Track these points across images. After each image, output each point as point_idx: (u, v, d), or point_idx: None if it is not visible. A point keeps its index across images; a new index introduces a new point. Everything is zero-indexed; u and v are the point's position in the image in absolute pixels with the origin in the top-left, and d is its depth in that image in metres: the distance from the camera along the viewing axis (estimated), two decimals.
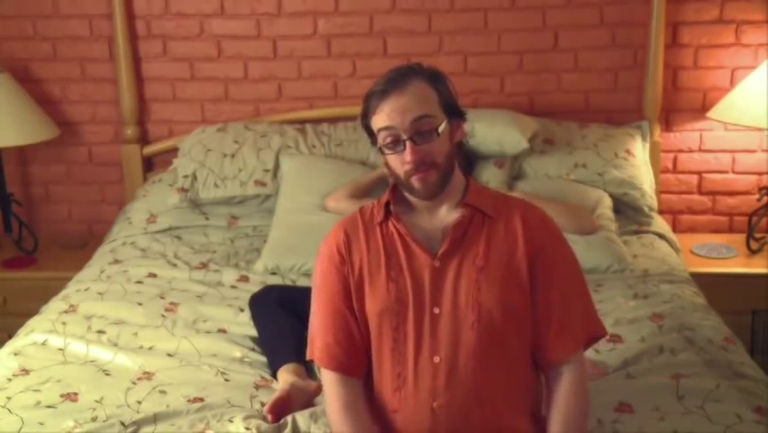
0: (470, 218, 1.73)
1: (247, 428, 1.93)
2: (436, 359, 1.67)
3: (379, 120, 1.68)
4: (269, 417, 1.97)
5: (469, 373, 1.66)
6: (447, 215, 1.75)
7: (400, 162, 1.68)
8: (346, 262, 1.75)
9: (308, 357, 1.80)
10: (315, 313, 1.80)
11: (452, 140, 1.73)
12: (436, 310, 1.68)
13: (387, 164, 1.73)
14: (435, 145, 1.68)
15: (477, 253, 1.70)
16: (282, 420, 1.97)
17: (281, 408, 2.01)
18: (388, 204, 1.77)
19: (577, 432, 1.69)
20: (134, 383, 2.16)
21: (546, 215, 1.80)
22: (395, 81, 1.67)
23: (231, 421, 1.96)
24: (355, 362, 1.75)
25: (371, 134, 1.73)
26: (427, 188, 1.69)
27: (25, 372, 2.21)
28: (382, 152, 1.71)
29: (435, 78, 1.73)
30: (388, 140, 1.68)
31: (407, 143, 1.66)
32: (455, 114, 1.74)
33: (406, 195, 1.76)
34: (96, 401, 2.06)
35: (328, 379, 1.75)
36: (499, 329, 1.67)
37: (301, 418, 1.97)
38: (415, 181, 1.69)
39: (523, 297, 1.69)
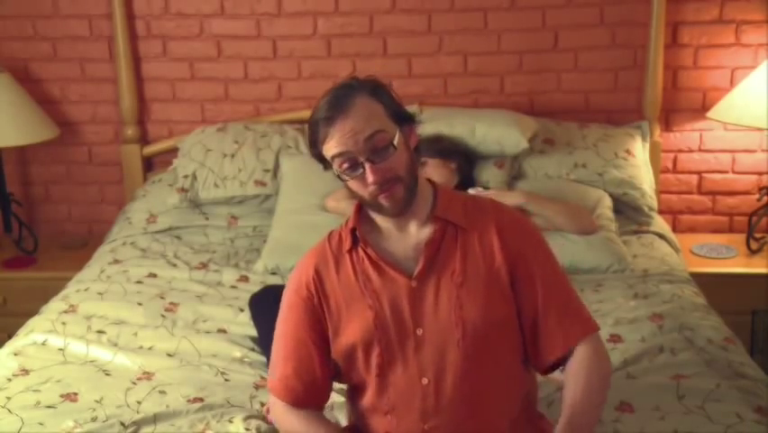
0: (443, 233, 1.68)
1: (247, 429, 1.93)
2: (424, 381, 1.63)
3: (330, 147, 1.61)
4: (269, 417, 1.98)
5: (458, 390, 1.63)
6: (418, 231, 1.69)
7: (363, 185, 1.62)
8: (316, 296, 1.70)
9: (268, 387, 1.78)
10: (277, 342, 1.76)
11: (408, 148, 1.67)
12: (419, 332, 1.64)
13: (348, 188, 1.67)
14: (394, 159, 1.61)
15: (454, 269, 1.65)
16: None
17: None
18: (354, 229, 1.71)
19: (595, 403, 1.64)
20: (134, 383, 2.16)
21: (518, 214, 1.77)
22: (337, 105, 1.60)
23: (230, 422, 1.96)
24: (313, 394, 1.72)
25: (324, 162, 1.66)
26: (396, 203, 1.63)
27: (25, 372, 2.21)
28: (341, 179, 1.64)
29: (376, 90, 1.65)
30: (345, 165, 1.61)
31: (366, 165, 1.59)
32: (405, 120, 1.67)
33: (373, 216, 1.71)
34: (96, 401, 2.06)
35: (280, 407, 1.74)
36: (486, 342, 1.63)
37: None
38: (382, 200, 1.63)
39: (507, 305, 1.66)
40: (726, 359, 2.18)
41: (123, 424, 1.95)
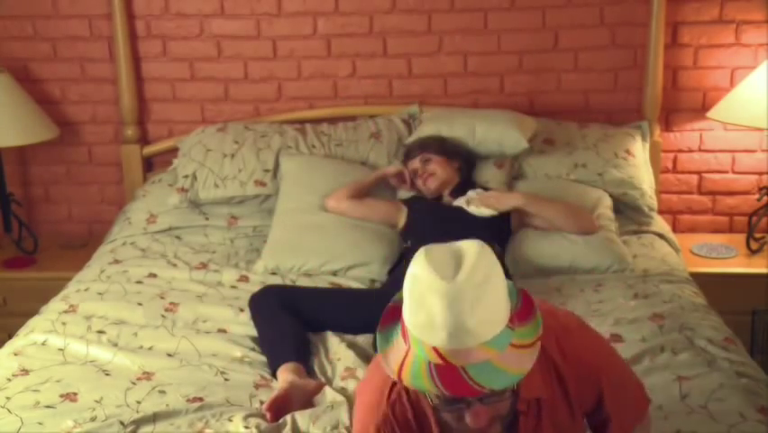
0: (533, 413, 1.52)
1: (246, 427, 1.93)
2: None
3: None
4: (268, 415, 1.98)
5: None
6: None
7: (456, 418, 1.40)
8: None
9: None
10: None
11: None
12: None
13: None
14: (506, 400, 1.42)
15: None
16: (282, 420, 1.98)
17: (280, 406, 2.02)
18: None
19: None
20: (134, 383, 2.16)
21: (574, 339, 1.57)
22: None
23: (230, 420, 1.96)
24: None
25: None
26: None
27: (25, 372, 2.21)
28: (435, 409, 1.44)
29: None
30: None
31: (474, 405, 1.37)
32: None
33: None
34: (96, 401, 2.06)
35: None
36: None
37: (301, 417, 1.97)
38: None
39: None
40: (726, 359, 2.18)
41: (122, 423, 1.95)
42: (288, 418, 1.98)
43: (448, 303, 1.29)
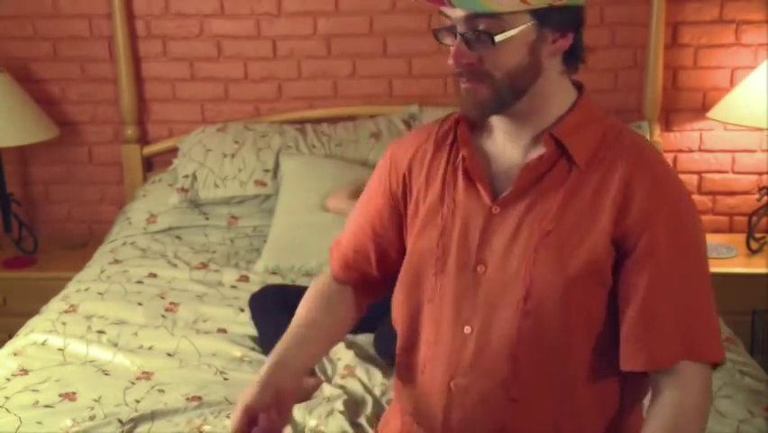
0: (553, 161, 1.31)
1: None
2: (467, 329, 1.33)
3: None
4: None
5: (502, 359, 1.30)
6: (530, 147, 1.34)
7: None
8: (402, 183, 1.47)
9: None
10: (351, 215, 1.62)
11: (533, 52, 1.27)
12: (480, 269, 1.32)
13: None
14: (491, 53, 1.25)
15: (547, 212, 1.29)
16: None
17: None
18: (458, 122, 1.39)
19: None
20: (133, 383, 2.16)
21: (673, 175, 1.33)
22: None
23: (228, 418, 1.96)
24: (362, 270, 1.54)
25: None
26: (474, 104, 1.29)
27: (24, 372, 2.21)
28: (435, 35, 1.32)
29: None
30: (443, 24, 1.30)
31: (458, 38, 1.27)
32: (557, 20, 1.26)
33: None
34: (95, 400, 2.06)
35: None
36: (555, 320, 1.28)
37: (297, 411, 1.98)
38: (462, 90, 1.30)
39: (597, 288, 1.29)
40: (727, 359, 2.19)
41: (120, 421, 1.96)
42: None
43: None
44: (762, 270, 3.09)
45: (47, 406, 2.04)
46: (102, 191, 3.64)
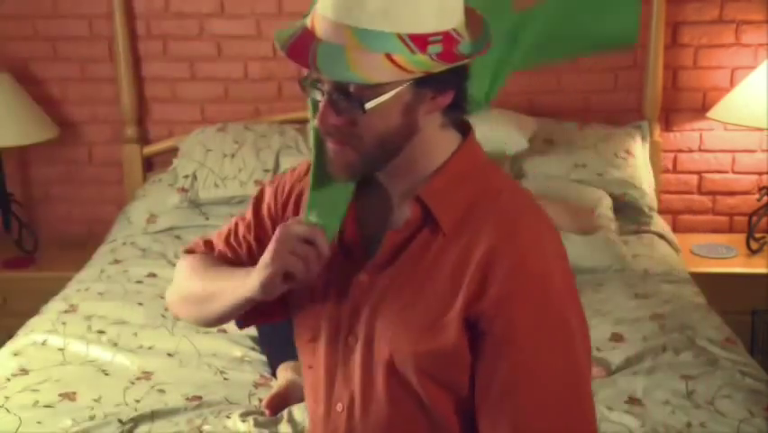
0: (418, 227, 1.20)
1: (244, 421, 1.94)
2: (338, 407, 1.25)
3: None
4: (267, 411, 2.01)
5: None
6: (404, 203, 1.22)
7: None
8: (282, 209, 1.36)
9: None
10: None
11: (408, 113, 1.14)
12: (351, 340, 1.23)
13: None
14: (363, 119, 1.13)
15: (410, 282, 1.19)
16: (279, 414, 2.00)
17: (279, 403, 2.04)
18: None
19: None
20: (133, 383, 2.16)
21: (546, 246, 1.21)
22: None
23: (228, 417, 1.97)
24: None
25: None
26: (340, 166, 1.19)
27: (24, 372, 2.21)
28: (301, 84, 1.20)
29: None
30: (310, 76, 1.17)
31: (325, 97, 1.15)
32: (436, 78, 1.11)
33: None
34: (95, 400, 2.06)
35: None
36: (421, 396, 1.18)
37: (297, 410, 1.99)
38: (329, 150, 1.20)
39: (451, 367, 1.17)
40: (728, 359, 2.19)
41: (120, 421, 1.96)
42: (285, 411, 2.01)
43: None
44: (762, 270, 3.09)
45: (47, 406, 2.04)
46: (102, 191, 3.64)
